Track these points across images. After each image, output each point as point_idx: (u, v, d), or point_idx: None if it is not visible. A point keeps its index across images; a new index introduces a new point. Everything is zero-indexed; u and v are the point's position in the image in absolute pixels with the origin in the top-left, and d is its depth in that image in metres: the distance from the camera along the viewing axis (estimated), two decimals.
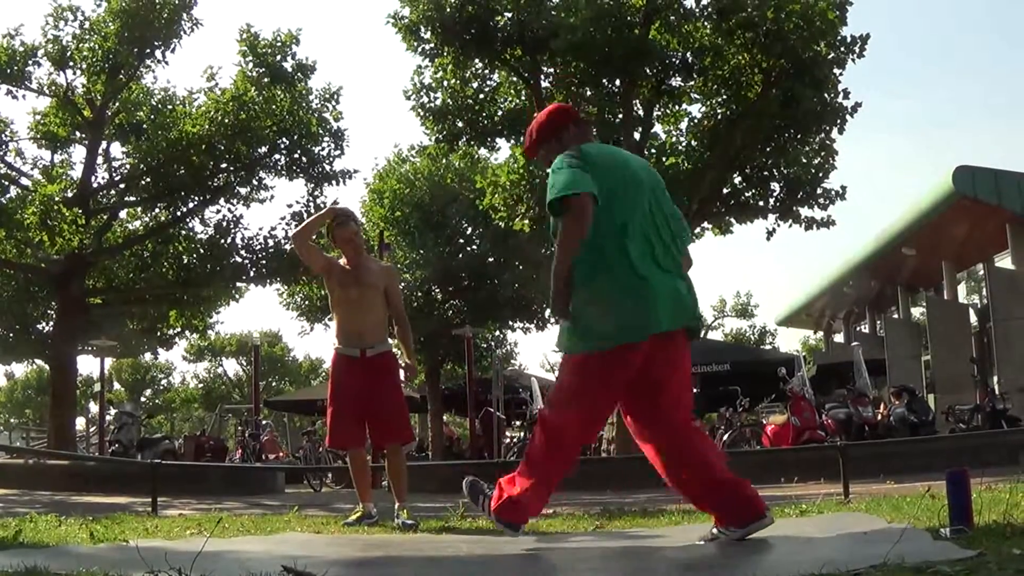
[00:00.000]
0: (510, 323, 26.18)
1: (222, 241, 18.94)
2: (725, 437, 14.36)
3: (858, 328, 34.67)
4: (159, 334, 23.24)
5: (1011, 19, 70.07)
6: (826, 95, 14.39)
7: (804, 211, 15.58)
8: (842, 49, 14.30)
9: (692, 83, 15.53)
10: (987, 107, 79.16)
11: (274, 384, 53.06)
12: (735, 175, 15.79)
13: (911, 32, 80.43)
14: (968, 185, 19.63)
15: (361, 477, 6.20)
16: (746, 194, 15.90)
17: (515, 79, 15.80)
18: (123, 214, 20.53)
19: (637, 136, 15.54)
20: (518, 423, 18.40)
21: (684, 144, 16.16)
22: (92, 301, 19.45)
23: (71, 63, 17.99)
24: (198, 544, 3.92)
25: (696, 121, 16.10)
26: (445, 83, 15.61)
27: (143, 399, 52.86)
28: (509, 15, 14.89)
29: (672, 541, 4.40)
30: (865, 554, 3.07)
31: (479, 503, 4.40)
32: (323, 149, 18.76)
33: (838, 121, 14.72)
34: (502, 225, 17.30)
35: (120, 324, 22.28)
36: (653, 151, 16.09)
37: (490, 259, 23.85)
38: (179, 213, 19.22)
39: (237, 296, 21.58)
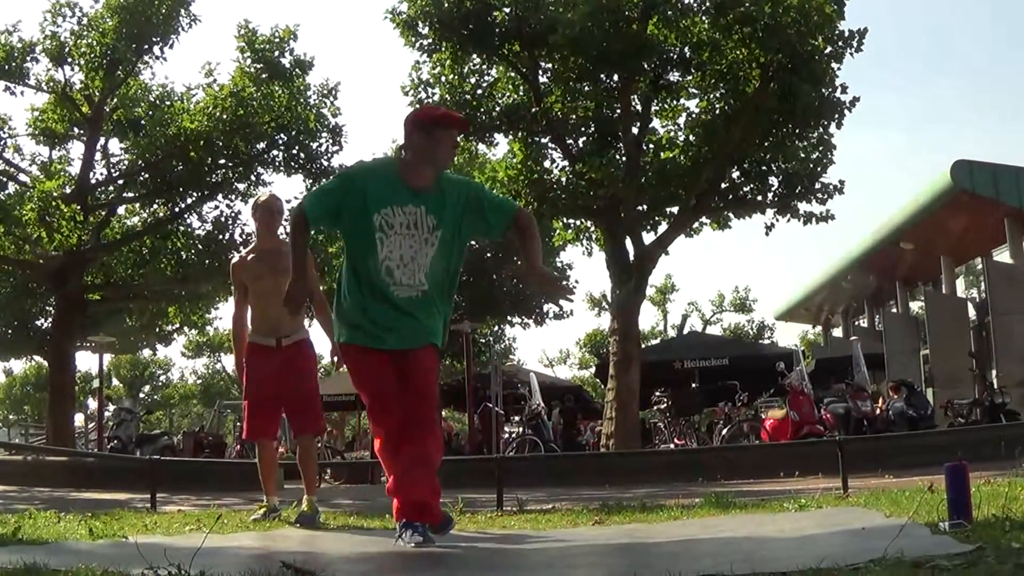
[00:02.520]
0: (509, 319, 26.17)
1: (220, 237, 18.95)
2: (724, 432, 14.35)
3: (856, 322, 34.69)
4: (158, 330, 23.27)
5: (1010, 15, 70.08)
6: (824, 89, 14.40)
7: (802, 206, 15.58)
8: (840, 43, 14.30)
9: (690, 78, 15.52)
10: (986, 102, 79.21)
11: None
12: (733, 170, 15.78)
13: (909, 26, 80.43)
14: (966, 180, 19.64)
15: (270, 471, 6.11)
16: (744, 189, 15.89)
17: (513, 74, 15.79)
18: (121, 210, 20.55)
19: (635, 131, 15.55)
20: (517, 419, 18.40)
21: (682, 139, 16.15)
22: (90, 297, 19.45)
23: (69, 59, 17.99)
24: (197, 540, 3.92)
25: (694, 116, 16.10)
26: (443, 78, 15.60)
27: (142, 395, 52.91)
28: (507, 10, 14.88)
29: (671, 536, 4.40)
30: (864, 548, 3.07)
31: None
32: (321, 145, 18.77)
33: (836, 115, 14.72)
34: None
35: (119, 320, 22.30)
36: (651, 146, 16.10)
37: (488, 255, 23.85)
38: (177, 209, 19.22)
39: None
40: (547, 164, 16.33)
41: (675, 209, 16.00)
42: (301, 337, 5.95)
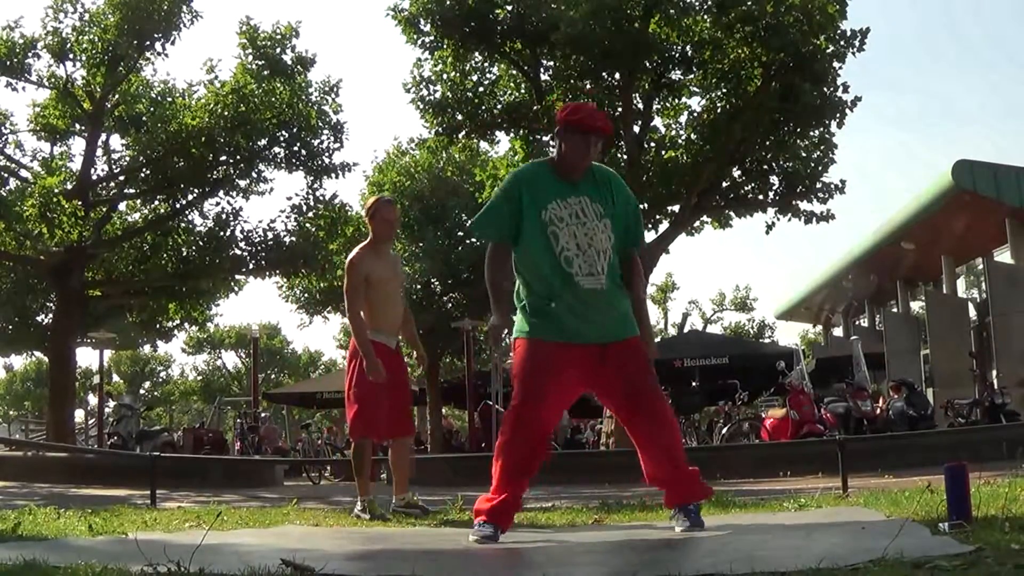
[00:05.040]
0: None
1: (221, 233, 18.92)
2: (724, 431, 14.37)
3: (857, 322, 34.67)
4: (158, 326, 23.22)
5: (1011, 13, 69.99)
6: (826, 89, 14.38)
7: (803, 205, 15.58)
8: (842, 43, 14.29)
9: (692, 76, 15.50)
10: (987, 102, 79.16)
11: (273, 377, 53.08)
12: (734, 169, 15.77)
13: (911, 26, 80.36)
14: (967, 179, 19.61)
15: (369, 468, 6.26)
16: (745, 188, 15.89)
17: (515, 72, 15.78)
18: (122, 206, 20.53)
19: (636, 129, 15.53)
20: None
21: (683, 137, 16.14)
22: (91, 293, 19.43)
23: (71, 55, 17.97)
24: (197, 537, 3.93)
25: (696, 114, 16.09)
26: (445, 76, 15.59)
27: (142, 391, 52.96)
28: (509, 8, 14.87)
29: (671, 535, 4.40)
30: (864, 548, 3.07)
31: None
32: (322, 142, 18.73)
33: (837, 115, 14.70)
34: None
35: (119, 316, 22.27)
36: (652, 144, 16.09)
37: None
38: (178, 205, 19.19)
39: (236, 288, 21.57)
40: None
41: (676, 207, 15.99)
42: (401, 343, 6.27)
